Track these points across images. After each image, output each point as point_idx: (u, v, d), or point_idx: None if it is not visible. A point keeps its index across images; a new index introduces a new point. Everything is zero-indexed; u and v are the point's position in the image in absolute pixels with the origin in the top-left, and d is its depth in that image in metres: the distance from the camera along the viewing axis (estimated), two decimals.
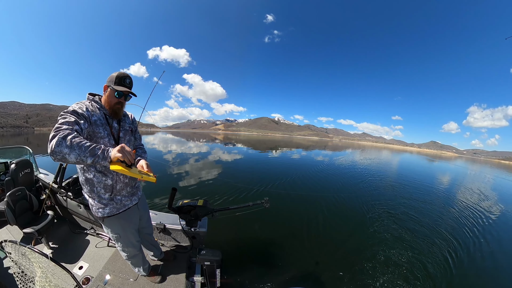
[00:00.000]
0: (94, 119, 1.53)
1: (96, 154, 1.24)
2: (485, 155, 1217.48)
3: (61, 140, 1.17)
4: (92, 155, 1.23)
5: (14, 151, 4.61)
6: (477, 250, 4.89)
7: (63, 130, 1.22)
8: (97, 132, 1.54)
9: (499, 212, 8.35)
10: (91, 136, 1.52)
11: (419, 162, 31.83)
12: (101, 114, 1.61)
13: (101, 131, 1.56)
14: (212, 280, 2.30)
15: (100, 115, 1.59)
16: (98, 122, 1.56)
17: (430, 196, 9.51)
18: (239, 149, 25.89)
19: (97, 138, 1.55)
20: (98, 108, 1.60)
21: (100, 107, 1.62)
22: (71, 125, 1.29)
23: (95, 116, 1.55)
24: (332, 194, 8.01)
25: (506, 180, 21.13)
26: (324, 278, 3.45)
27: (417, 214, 6.80)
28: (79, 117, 1.39)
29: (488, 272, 4.15)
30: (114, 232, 1.86)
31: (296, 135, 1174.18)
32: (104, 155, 1.26)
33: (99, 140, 1.56)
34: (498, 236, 5.84)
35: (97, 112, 1.58)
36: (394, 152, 60.39)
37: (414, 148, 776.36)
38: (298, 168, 13.48)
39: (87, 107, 1.51)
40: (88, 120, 1.47)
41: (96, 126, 1.54)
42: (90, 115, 1.50)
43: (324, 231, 5.01)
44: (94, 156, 1.23)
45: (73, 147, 1.18)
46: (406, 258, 4.14)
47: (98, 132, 1.54)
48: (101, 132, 1.56)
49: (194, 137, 65.28)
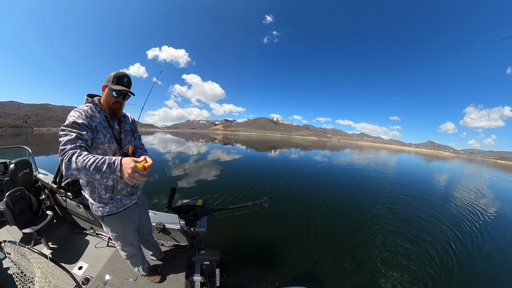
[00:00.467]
0: (94, 124, 1.51)
1: (102, 170, 1.20)
2: (481, 155, 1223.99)
3: (68, 163, 1.20)
4: (98, 172, 1.21)
5: (13, 151, 4.59)
6: (475, 244, 5.04)
7: (67, 152, 1.23)
8: (98, 138, 1.53)
9: (496, 209, 8.50)
10: (92, 142, 1.51)
11: (417, 162, 31.92)
12: (102, 117, 1.60)
13: (101, 136, 1.55)
14: (211, 279, 2.30)
15: (101, 118, 1.58)
16: (99, 126, 1.55)
17: (428, 194, 9.55)
18: (238, 149, 25.86)
19: (97, 144, 1.54)
20: (98, 111, 1.58)
21: (100, 109, 1.60)
22: (73, 143, 1.28)
23: (96, 120, 1.54)
24: (331, 194, 8.03)
25: (503, 179, 21.36)
26: (324, 277, 3.45)
27: (417, 212, 6.86)
28: (80, 128, 1.38)
29: (483, 261, 4.26)
30: (113, 231, 1.85)
31: (294, 135, 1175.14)
32: (111, 169, 1.21)
33: (100, 146, 1.56)
34: (493, 231, 5.96)
35: (98, 115, 1.57)
36: (392, 152, 60.54)
37: (411, 148, 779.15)
38: (297, 168, 13.49)
39: (86, 113, 1.48)
40: (90, 128, 1.46)
41: (97, 131, 1.53)
42: (91, 121, 1.49)
43: (323, 230, 5.01)
44: (100, 173, 1.21)
45: (79, 168, 1.19)
46: (406, 255, 4.16)
47: (98, 138, 1.53)
48: (101, 138, 1.55)
49: (193, 137, 65.17)
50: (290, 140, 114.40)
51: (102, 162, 1.21)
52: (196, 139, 47.80)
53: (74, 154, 1.22)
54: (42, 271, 1.32)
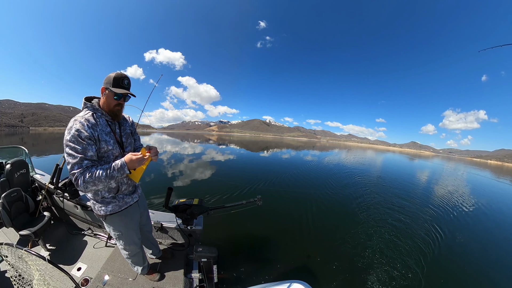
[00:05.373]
0: (97, 134, 1.46)
1: (115, 177, 1.43)
2: (459, 154, 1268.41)
3: (84, 185, 1.34)
4: (112, 178, 1.42)
5: (9, 151, 4.39)
6: (452, 232, 5.42)
7: (77, 175, 1.34)
8: (101, 148, 1.50)
9: (470, 201, 9.05)
10: (97, 153, 1.49)
11: (401, 160, 32.75)
12: (103, 122, 1.54)
13: (104, 146, 1.51)
14: (209, 276, 2.28)
15: (103, 124, 1.53)
16: (102, 134, 1.50)
17: (411, 189, 9.81)
18: (232, 150, 25.75)
19: (101, 154, 1.52)
20: (99, 117, 1.52)
21: (101, 114, 1.54)
22: (80, 166, 1.36)
23: (99, 127, 1.48)
24: (320, 191, 8.11)
25: (477, 175, 22.63)
26: (316, 270, 3.49)
27: (400, 205, 7.09)
28: (83, 145, 1.38)
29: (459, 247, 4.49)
30: (116, 229, 1.81)
31: (286, 136, 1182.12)
32: (122, 171, 1.45)
33: (104, 154, 1.53)
34: (466, 219, 6.46)
35: (99, 121, 1.51)
36: (378, 152, 61.74)
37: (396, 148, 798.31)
38: (289, 167, 13.55)
39: (88, 123, 1.43)
40: (93, 139, 1.44)
41: (100, 141, 1.49)
42: (93, 132, 1.44)
43: (314, 226, 5.06)
44: (113, 179, 1.43)
45: (96, 183, 1.37)
46: (393, 247, 4.28)
47: (101, 148, 1.51)
48: (105, 147, 1.52)
49: (189, 138, 64.56)
50: (282, 141, 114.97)
51: (112, 170, 1.41)
52: (192, 140, 47.36)
53: (85, 175, 1.34)
54: (41, 273, 1.27)
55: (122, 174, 1.45)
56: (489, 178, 20.48)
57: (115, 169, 1.42)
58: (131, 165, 1.47)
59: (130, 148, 1.80)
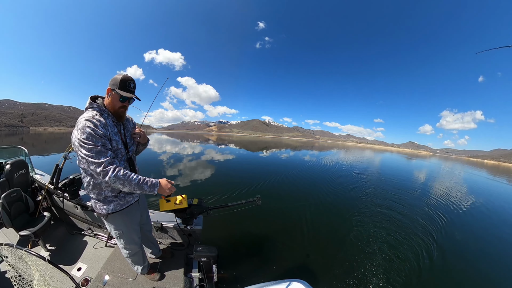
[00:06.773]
0: (108, 133, 1.49)
1: (144, 189, 1.45)
2: (456, 154, 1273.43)
3: (114, 179, 1.35)
4: (140, 189, 1.44)
5: (8, 151, 4.35)
6: (448, 230, 5.47)
7: (107, 167, 1.35)
8: (113, 146, 1.52)
9: (467, 198, 9.19)
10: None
11: (399, 160, 32.81)
12: (111, 123, 1.56)
13: (114, 144, 1.53)
14: (209, 275, 2.28)
15: (111, 124, 1.55)
16: (112, 134, 1.53)
17: (409, 188, 9.85)
18: (231, 150, 25.72)
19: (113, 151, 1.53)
20: (106, 117, 1.53)
21: (108, 114, 1.55)
22: (106, 156, 1.37)
23: (109, 128, 1.51)
24: (319, 191, 8.11)
25: (474, 174, 22.86)
26: (315, 269, 3.49)
27: (398, 203, 7.17)
28: (101, 140, 1.39)
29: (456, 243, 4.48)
30: (117, 228, 1.80)
31: (285, 136, 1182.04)
32: (152, 188, 1.48)
33: (115, 152, 1.54)
34: (462, 217, 6.46)
35: (108, 122, 1.53)
36: (376, 152, 61.88)
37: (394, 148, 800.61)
38: (288, 167, 13.54)
39: (99, 122, 1.44)
40: (108, 138, 1.46)
41: (111, 140, 1.51)
42: (106, 131, 1.47)
43: (313, 225, 5.05)
44: (141, 190, 1.45)
45: (125, 184, 1.39)
46: (392, 246, 4.28)
47: (112, 147, 1.52)
48: (115, 146, 1.54)
49: (189, 138, 64.43)
50: (281, 141, 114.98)
51: (145, 183, 1.45)
52: (191, 140, 47.27)
53: (118, 169, 1.36)
54: (41, 273, 1.26)
55: (150, 192, 1.48)
56: (485, 178, 20.62)
57: (148, 183, 1.46)
58: (161, 189, 1.53)
59: (133, 149, 1.81)
